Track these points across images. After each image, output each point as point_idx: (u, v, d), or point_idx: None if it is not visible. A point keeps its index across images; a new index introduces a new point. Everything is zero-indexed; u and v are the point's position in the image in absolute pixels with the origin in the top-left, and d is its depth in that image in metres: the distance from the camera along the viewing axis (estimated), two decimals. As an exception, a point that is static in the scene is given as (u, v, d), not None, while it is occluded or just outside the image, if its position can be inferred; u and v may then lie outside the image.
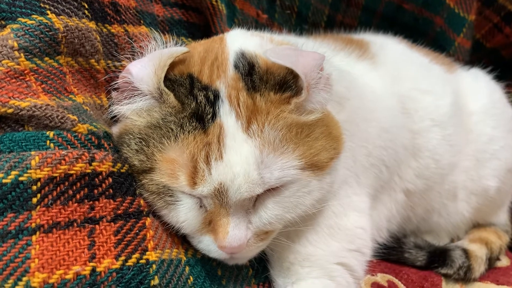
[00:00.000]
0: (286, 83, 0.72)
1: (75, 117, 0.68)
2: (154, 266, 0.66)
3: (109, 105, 0.77)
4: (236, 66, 0.74)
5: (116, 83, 0.72)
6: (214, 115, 0.69)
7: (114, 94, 0.74)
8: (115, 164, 0.68)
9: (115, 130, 0.75)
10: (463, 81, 1.20)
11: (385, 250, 1.06)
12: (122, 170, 0.69)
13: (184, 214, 0.71)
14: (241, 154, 0.67)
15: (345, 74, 0.92)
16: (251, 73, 0.72)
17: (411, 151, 1.04)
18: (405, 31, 1.29)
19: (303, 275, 0.81)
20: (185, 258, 0.72)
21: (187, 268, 0.71)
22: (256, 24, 1.11)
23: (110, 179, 0.67)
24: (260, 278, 0.81)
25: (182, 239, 0.74)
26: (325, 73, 0.74)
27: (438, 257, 1.10)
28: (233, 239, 0.69)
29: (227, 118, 0.69)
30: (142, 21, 0.85)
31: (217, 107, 0.69)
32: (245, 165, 0.67)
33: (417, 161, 1.05)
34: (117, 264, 0.63)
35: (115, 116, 0.75)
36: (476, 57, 1.49)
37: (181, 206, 0.70)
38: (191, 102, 0.70)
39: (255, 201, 0.71)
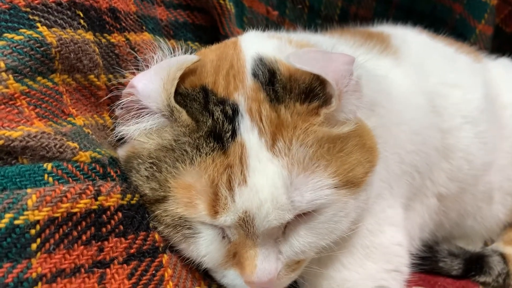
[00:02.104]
0: (313, 91, 0.63)
1: (75, 144, 0.59)
2: (175, 311, 0.58)
3: (114, 126, 0.68)
4: (254, 75, 0.65)
5: (120, 102, 0.63)
6: (234, 133, 0.60)
7: (118, 112, 0.65)
8: (124, 195, 0.60)
9: (121, 153, 0.66)
10: (492, 71, 1.11)
11: (417, 260, 0.97)
12: (132, 202, 0.61)
13: (205, 248, 0.62)
14: (267, 177, 0.59)
15: (371, 75, 0.83)
16: (273, 82, 0.63)
17: (442, 153, 0.95)
18: (422, 21, 1.21)
19: (340, 301, 0.73)
20: (208, 298, 0.64)
21: (212, 306, 0.63)
22: (267, 22, 1.02)
23: (120, 214, 0.58)
24: (292, 308, 0.73)
25: (203, 275, 0.66)
26: (355, 77, 0.65)
27: (475, 265, 1.02)
28: (262, 273, 0.61)
29: (249, 135, 0.60)
30: (144, 27, 0.76)
31: (236, 123, 0.61)
32: (272, 189, 0.59)
33: (449, 163, 0.96)
34: (133, 314, 0.55)
35: (122, 138, 0.67)
36: (495, 43, 1.40)
37: (202, 238, 0.62)
38: (207, 119, 0.61)
39: (285, 228, 0.63)
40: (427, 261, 1.01)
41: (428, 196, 0.96)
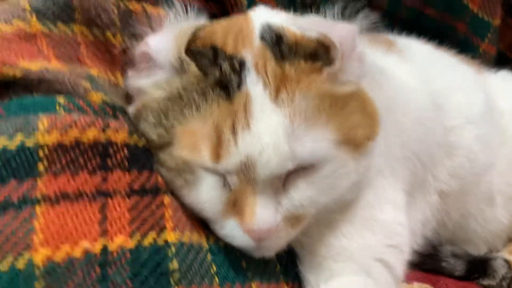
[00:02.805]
0: (317, 55, 0.66)
1: (88, 84, 0.62)
2: (173, 248, 0.58)
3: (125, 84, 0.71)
4: (262, 38, 0.68)
5: (133, 60, 0.67)
6: (240, 84, 0.63)
7: (130, 73, 0.69)
8: (131, 135, 0.62)
9: (131, 109, 0.69)
10: (492, 82, 1.15)
11: (420, 258, 0.96)
12: (139, 144, 0.63)
13: (206, 194, 0.63)
14: (269, 125, 0.61)
15: (374, 64, 0.86)
16: (279, 44, 0.67)
17: (445, 149, 0.97)
18: (427, 34, 1.24)
19: (337, 270, 0.72)
20: (206, 246, 0.64)
21: (209, 256, 0.63)
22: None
23: (126, 150, 0.60)
24: (289, 275, 0.72)
25: (203, 226, 0.67)
26: (359, 49, 0.69)
27: (478, 267, 1.00)
28: (261, 220, 0.62)
29: (254, 87, 0.63)
30: (160, 4, 0.81)
31: (243, 76, 0.63)
32: (274, 136, 0.61)
33: (451, 160, 0.98)
34: (132, 244, 0.56)
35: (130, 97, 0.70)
36: (498, 67, 1.43)
37: (203, 184, 0.63)
38: (215, 71, 0.64)
39: (285, 181, 0.64)
40: (430, 260, 1.00)
41: (430, 192, 0.97)
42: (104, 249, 0.54)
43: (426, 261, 0.99)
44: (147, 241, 0.57)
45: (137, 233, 0.56)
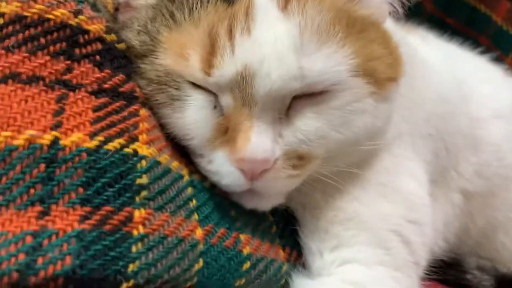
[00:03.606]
0: None
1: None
2: (144, 162, 0.46)
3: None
4: None
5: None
6: None
7: None
8: (109, 32, 0.51)
9: (120, 17, 0.59)
10: None
11: (441, 267, 0.82)
12: (117, 45, 0.52)
13: (192, 115, 0.52)
14: (274, 32, 0.51)
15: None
16: None
17: (471, 142, 0.85)
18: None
19: (346, 239, 0.59)
20: (188, 178, 0.52)
21: (190, 189, 0.51)
22: None
23: (99, 45, 0.50)
24: (286, 241, 0.59)
25: (186, 161, 0.55)
26: None
27: (509, 285, 0.85)
28: (256, 148, 0.50)
29: None
30: None
31: None
32: (279, 46, 0.50)
33: (477, 156, 0.86)
34: (91, 144, 0.44)
35: None
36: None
37: (189, 103, 0.52)
38: None
39: (290, 109, 0.53)
40: (452, 271, 0.85)
41: (453, 189, 0.84)
42: (55, 142, 0.42)
43: (448, 272, 0.84)
44: (112, 145, 0.45)
45: (100, 135, 0.45)
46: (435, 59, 0.86)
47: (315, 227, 0.60)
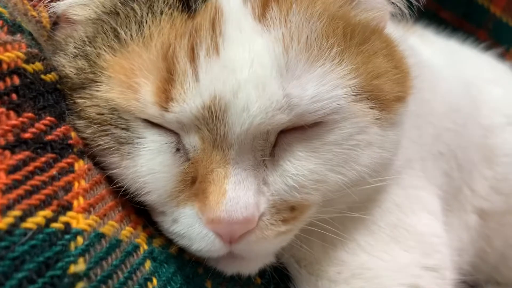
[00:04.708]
0: None
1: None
2: (80, 239, 0.34)
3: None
4: None
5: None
6: None
7: None
8: (30, 60, 0.39)
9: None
10: None
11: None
12: (44, 77, 0.39)
13: (147, 162, 0.40)
14: (250, 50, 0.39)
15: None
16: None
17: (485, 154, 0.75)
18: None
19: (352, 300, 0.47)
20: (146, 247, 0.39)
21: (147, 263, 0.38)
22: None
23: (16, 79, 0.37)
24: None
25: (145, 221, 0.42)
26: None
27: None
28: (234, 204, 0.38)
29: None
30: None
31: None
32: (257, 68, 0.38)
33: (492, 169, 0.76)
34: (2, 223, 0.31)
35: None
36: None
37: (143, 147, 0.40)
38: None
39: (276, 147, 0.41)
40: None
41: (468, 210, 0.74)
42: None
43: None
44: (33, 221, 0.32)
45: (15, 208, 0.32)
46: (439, 63, 0.75)
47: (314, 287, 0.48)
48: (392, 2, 0.48)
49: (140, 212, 0.42)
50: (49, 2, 0.46)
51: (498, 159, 0.76)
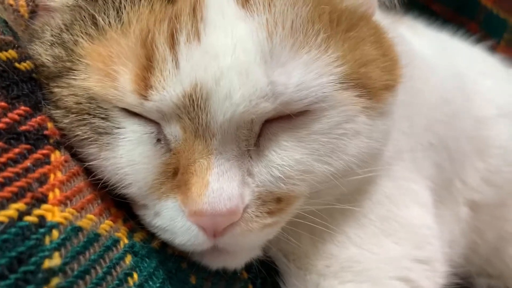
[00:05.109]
0: None
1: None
2: (55, 233, 0.32)
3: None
4: None
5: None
6: None
7: None
8: (3, 48, 0.37)
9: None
10: None
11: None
12: (18, 65, 0.38)
13: (127, 152, 0.39)
14: (233, 36, 0.37)
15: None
16: None
17: (477, 146, 0.74)
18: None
19: (342, 294, 0.46)
20: (126, 241, 0.38)
21: (128, 258, 0.37)
22: None
23: (-12, 67, 0.35)
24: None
25: (125, 215, 0.41)
26: None
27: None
28: (217, 196, 0.37)
29: None
30: None
31: None
32: (240, 55, 0.37)
33: (484, 161, 0.75)
34: (-29, 217, 0.30)
35: None
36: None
37: (122, 137, 0.39)
38: None
39: (260, 137, 0.40)
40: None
41: (459, 202, 0.73)
42: None
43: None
44: (6, 214, 0.31)
45: (-14, 201, 0.31)
46: (430, 53, 0.74)
47: (303, 282, 0.47)
48: None
49: (121, 205, 0.41)
50: (26, -11, 0.45)
51: (491, 150, 0.75)
